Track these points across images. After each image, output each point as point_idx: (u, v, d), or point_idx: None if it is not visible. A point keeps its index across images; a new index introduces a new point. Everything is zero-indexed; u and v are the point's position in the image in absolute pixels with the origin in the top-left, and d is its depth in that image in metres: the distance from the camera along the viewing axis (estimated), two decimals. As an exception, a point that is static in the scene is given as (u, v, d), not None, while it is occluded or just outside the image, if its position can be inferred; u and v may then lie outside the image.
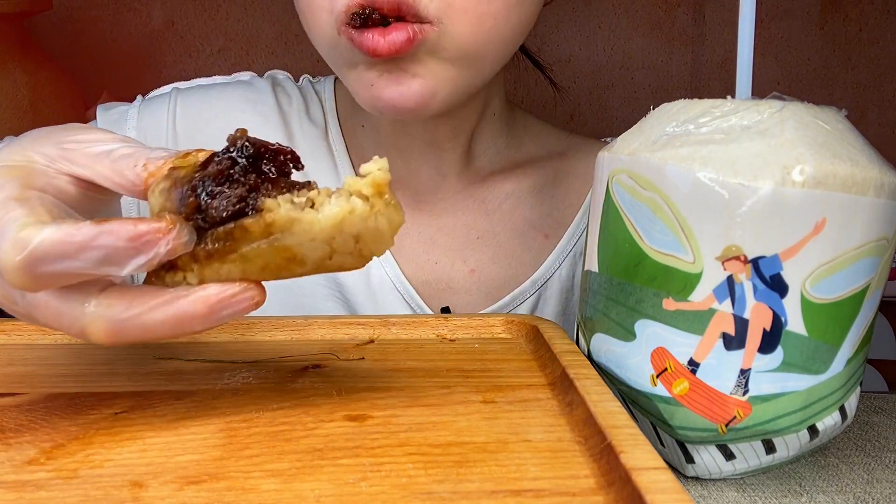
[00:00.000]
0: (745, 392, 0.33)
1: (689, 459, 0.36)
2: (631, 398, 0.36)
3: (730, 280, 0.32)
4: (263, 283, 0.29)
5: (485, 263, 0.58)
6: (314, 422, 0.31)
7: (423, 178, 0.58)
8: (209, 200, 0.28)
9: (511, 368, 0.37)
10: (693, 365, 0.33)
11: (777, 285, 0.31)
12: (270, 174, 0.29)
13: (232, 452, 0.28)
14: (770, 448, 0.34)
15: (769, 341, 0.32)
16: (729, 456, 0.35)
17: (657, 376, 0.34)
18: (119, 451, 0.28)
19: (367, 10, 0.43)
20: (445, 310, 0.57)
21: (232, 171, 0.28)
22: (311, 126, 0.60)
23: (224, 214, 0.28)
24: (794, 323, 0.32)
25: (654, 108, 0.37)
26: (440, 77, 0.46)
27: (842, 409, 0.34)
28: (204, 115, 0.59)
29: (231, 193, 0.28)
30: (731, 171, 0.31)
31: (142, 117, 0.59)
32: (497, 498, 0.25)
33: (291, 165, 0.29)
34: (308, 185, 0.29)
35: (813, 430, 0.34)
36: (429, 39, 0.44)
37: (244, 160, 0.28)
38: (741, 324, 0.32)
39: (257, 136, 0.63)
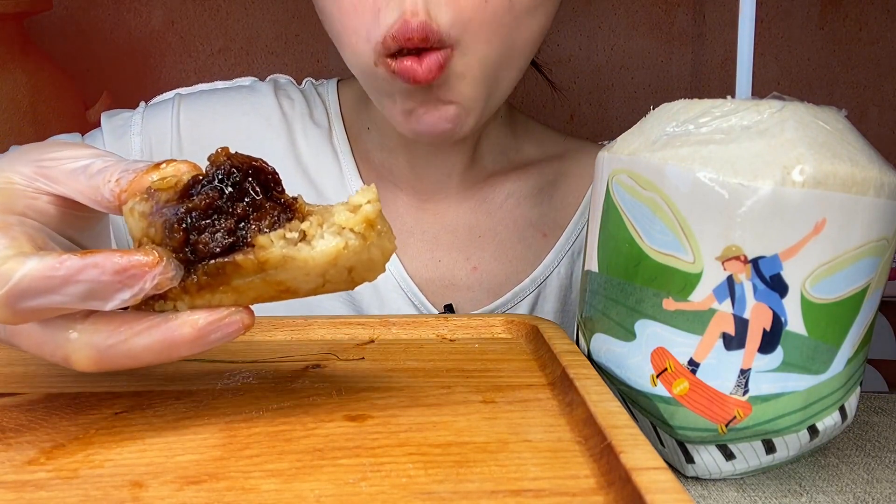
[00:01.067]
0: (745, 392, 0.33)
1: (689, 459, 0.36)
2: (631, 398, 0.36)
3: (730, 280, 0.32)
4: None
5: (487, 261, 0.59)
6: (314, 422, 0.31)
7: (428, 178, 0.59)
8: (197, 236, 0.27)
9: (511, 368, 0.37)
10: (693, 365, 0.33)
11: (777, 285, 0.31)
12: (256, 196, 0.28)
13: (232, 452, 0.28)
14: (770, 448, 0.34)
15: (769, 341, 0.32)
16: (729, 456, 0.35)
17: (657, 376, 0.34)
18: (119, 451, 0.28)
19: (401, 48, 0.44)
20: (449, 307, 0.57)
21: (219, 203, 0.27)
22: (314, 128, 0.60)
23: (215, 250, 0.27)
24: (794, 323, 0.32)
25: (654, 108, 0.37)
26: (471, 98, 0.48)
27: (842, 409, 0.34)
28: (207, 119, 0.59)
29: (220, 227, 0.27)
30: (731, 171, 0.31)
31: (146, 123, 0.60)
32: (497, 498, 0.25)
33: (273, 185, 0.29)
34: (294, 203, 0.29)
35: (813, 430, 0.34)
36: (454, 63, 0.45)
37: (230, 188, 0.28)
38: (741, 324, 0.32)
39: (261, 140, 0.63)
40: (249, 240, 0.27)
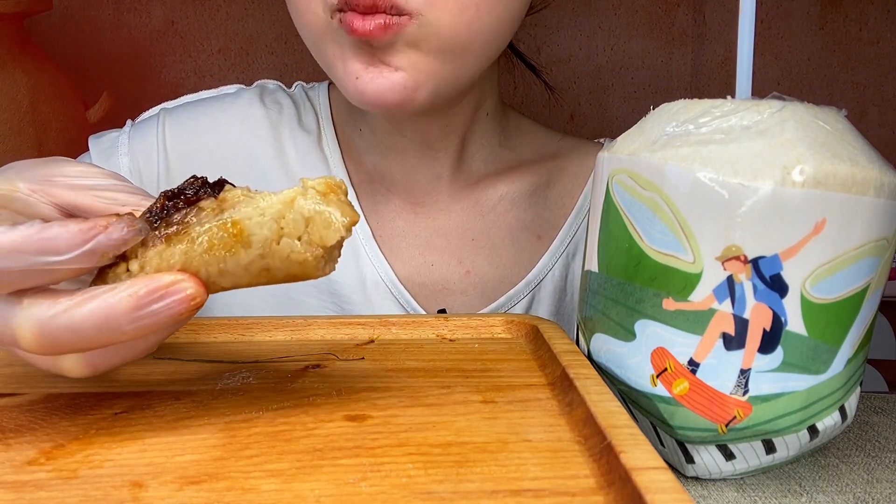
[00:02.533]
0: (745, 392, 0.33)
1: (689, 459, 0.36)
2: (631, 398, 0.36)
3: (730, 280, 0.32)
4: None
5: (480, 265, 0.58)
6: (314, 422, 0.31)
7: (419, 180, 0.58)
8: (175, 200, 0.29)
9: (511, 368, 0.37)
10: (693, 365, 0.33)
11: (777, 285, 0.31)
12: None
13: (232, 452, 0.28)
14: (770, 448, 0.34)
15: (769, 341, 0.32)
16: (729, 456, 0.35)
17: (657, 376, 0.34)
18: (119, 451, 0.28)
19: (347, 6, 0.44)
20: (441, 312, 0.57)
21: (206, 188, 0.29)
22: (303, 135, 0.59)
23: (188, 198, 0.29)
24: (794, 323, 0.32)
25: (654, 108, 0.37)
26: (422, 70, 0.46)
27: (842, 409, 0.34)
28: (193, 132, 0.59)
29: (197, 194, 0.29)
30: (731, 171, 0.31)
31: (132, 142, 0.59)
32: (497, 498, 0.25)
33: None
34: None
35: (813, 430, 0.34)
36: (408, 31, 0.44)
37: (215, 189, 0.30)
38: (741, 324, 0.32)
39: (247, 150, 0.65)
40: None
